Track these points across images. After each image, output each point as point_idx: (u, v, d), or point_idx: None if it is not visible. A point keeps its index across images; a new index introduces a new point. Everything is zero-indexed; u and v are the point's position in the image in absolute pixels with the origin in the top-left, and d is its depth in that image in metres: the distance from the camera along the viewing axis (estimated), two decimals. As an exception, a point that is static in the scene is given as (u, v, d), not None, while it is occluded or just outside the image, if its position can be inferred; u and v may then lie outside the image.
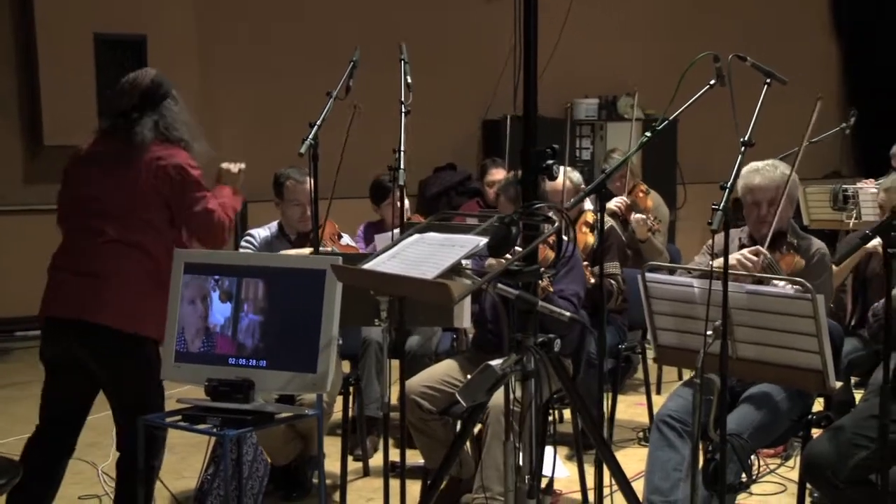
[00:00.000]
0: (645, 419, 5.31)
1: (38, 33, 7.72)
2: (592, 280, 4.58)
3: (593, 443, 3.02)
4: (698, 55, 3.25)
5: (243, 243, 4.88)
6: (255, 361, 3.41)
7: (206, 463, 3.84)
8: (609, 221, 5.21)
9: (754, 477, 3.46)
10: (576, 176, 4.97)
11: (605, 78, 9.61)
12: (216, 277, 3.49)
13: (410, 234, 2.90)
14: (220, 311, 3.47)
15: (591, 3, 8.70)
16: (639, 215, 5.82)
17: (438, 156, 8.95)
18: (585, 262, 4.65)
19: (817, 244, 3.90)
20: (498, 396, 3.05)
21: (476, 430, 4.00)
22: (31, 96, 7.94)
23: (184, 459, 4.88)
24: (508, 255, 2.74)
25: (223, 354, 3.44)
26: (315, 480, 4.42)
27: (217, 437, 3.34)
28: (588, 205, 5.07)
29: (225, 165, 3.89)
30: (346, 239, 5.05)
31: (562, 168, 4.80)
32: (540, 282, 2.89)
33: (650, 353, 5.17)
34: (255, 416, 3.29)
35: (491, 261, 3.93)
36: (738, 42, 5.36)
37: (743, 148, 3.08)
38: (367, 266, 2.79)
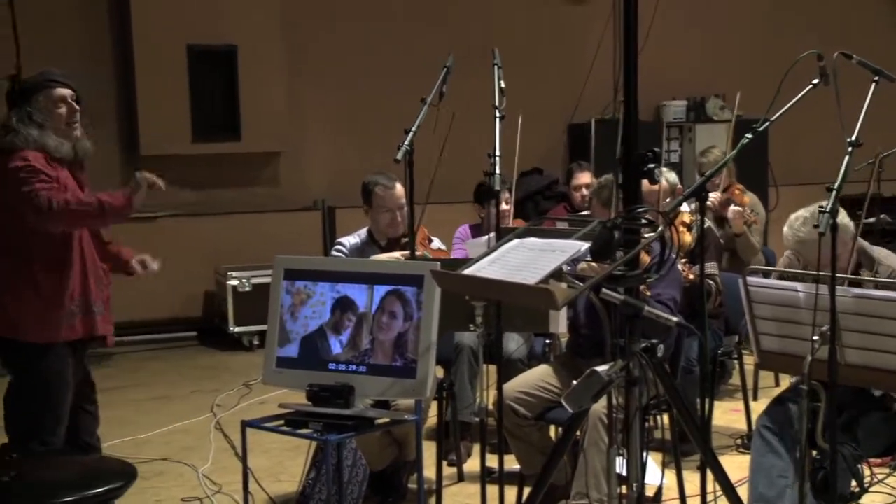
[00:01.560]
0: (741, 426, 5.22)
1: (135, 46, 7.91)
2: (691, 277, 4.51)
3: (698, 449, 2.98)
4: (792, 53, 3.18)
5: (334, 252, 4.92)
6: (354, 367, 3.44)
7: (307, 467, 3.88)
8: (706, 222, 5.13)
9: (865, 486, 3.37)
10: (672, 177, 4.90)
11: (693, 79, 9.50)
12: (315, 283, 3.53)
13: (509, 240, 2.90)
14: (320, 317, 3.51)
15: (678, 5, 8.60)
16: (736, 207, 5.72)
17: (524, 160, 8.92)
18: (684, 260, 4.59)
19: (887, 262, 3.77)
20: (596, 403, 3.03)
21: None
22: (129, 108, 8.14)
23: (280, 463, 4.95)
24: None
25: (324, 360, 3.48)
26: (411, 485, 4.44)
27: (319, 441, 3.38)
28: (683, 204, 4.99)
29: (139, 174, 3.85)
30: (436, 243, 5.06)
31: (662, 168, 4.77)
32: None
33: (747, 358, 5.10)
34: (355, 422, 3.32)
35: (584, 265, 3.91)
36: (829, 40, 5.25)
37: (850, 148, 3.00)
38: (467, 272, 2.80)
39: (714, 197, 5.74)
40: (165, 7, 7.92)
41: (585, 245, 2.70)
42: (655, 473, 3.89)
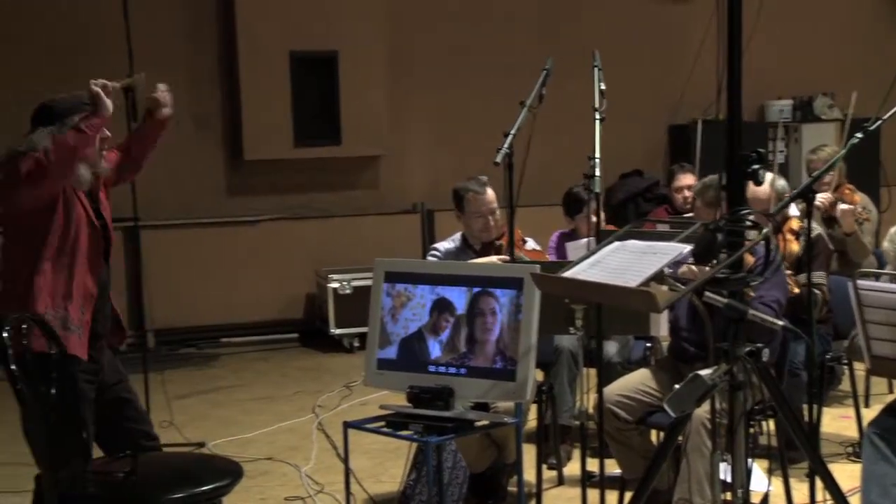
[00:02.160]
0: (851, 433, 5.08)
1: (240, 53, 8.09)
2: (796, 290, 4.42)
3: (806, 456, 2.92)
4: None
5: (429, 258, 4.95)
6: (454, 369, 3.46)
7: (407, 468, 3.91)
8: (817, 229, 5.02)
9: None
10: (781, 183, 4.78)
11: (800, 78, 9.29)
12: (415, 286, 3.56)
13: (610, 242, 2.88)
14: (420, 320, 3.54)
15: (781, 1, 8.43)
16: (845, 205, 5.56)
17: (624, 162, 8.86)
18: (790, 272, 4.50)
19: None
20: (699, 407, 2.99)
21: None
22: (233, 113, 8.33)
23: (381, 464, 5.00)
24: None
25: (424, 362, 3.51)
26: (510, 488, 4.44)
27: (420, 443, 3.40)
28: (793, 211, 4.89)
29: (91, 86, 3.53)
30: (530, 243, 5.05)
31: (768, 174, 4.68)
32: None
33: (858, 364, 4.96)
34: (455, 424, 3.33)
35: (684, 268, 3.86)
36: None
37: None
38: (567, 274, 2.79)
39: (823, 198, 5.60)
40: (270, 15, 8.08)
41: (687, 247, 2.67)
42: (761, 480, 3.82)
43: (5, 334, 2.80)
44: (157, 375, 5.89)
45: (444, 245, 4.98)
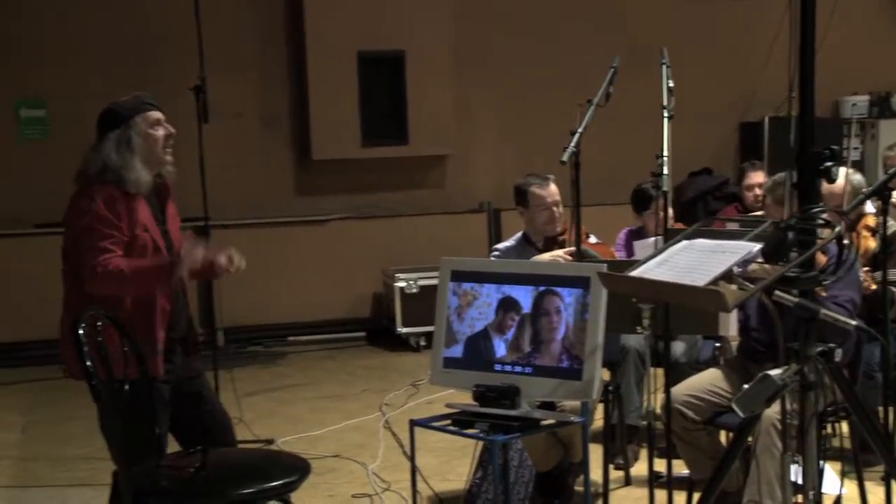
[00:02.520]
0: (929, 436, 4.96)
1: (308, 54, 8.18)
2: (874, 286, 4.33)
3: (882, 459, 2.86)
4: None
5: (492, 258, 4.95)
6: (520, 368, 3.45)
7: (474, 467, 3.92)
8: (894, 226, 4.91)
9: None
10: (857, 178, 4.69)
11: (877, 73, 9.09)
12: (481, 285, 3.56)
13: (678, 241, 2.85)
14: (486, 318, 3.54)
15: (857, -5, 8.29)
16: None
17: (694, 160, 8.77)
18: (866, 269, 4.41)
19: None
20: (769, 408, 2.94)
21: (743, 441, 3.87)
22: (302, 113, 8.42)
23: (447, 463, 5.01)
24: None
25: (490, 360, 3.50)
26: (577, 487, 4.42)
27: (485, 442, 3.40)
28: (870, 207, 4.79)
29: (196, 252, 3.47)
30: (593, 238, 5.02)
31: (842, 169, 4.60)
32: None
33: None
34: (521, 422, 3.32)
35: (754, 266, 3.80)
36: None
37: None
38: (634, 273, 2.76)
39: None
40: (337, 15, 8.15)
41: (757, 246, 2.63)
42: (834, 482, 3.75)
43: (81, 331, 2.86)
44: (226, 373, 5.97)
45: (505, 245, 4.98)
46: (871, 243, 4.67)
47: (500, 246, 5.00)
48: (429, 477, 4.55)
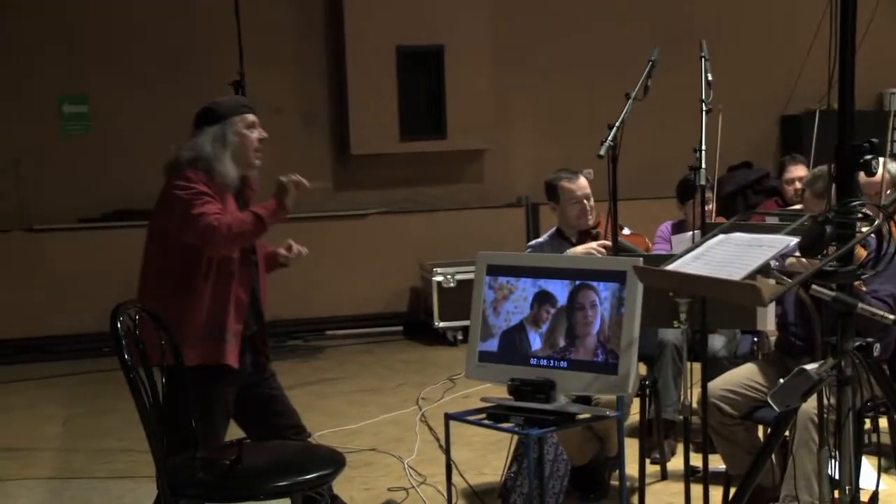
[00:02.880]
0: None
1: (347, 50, 8.21)
2: None
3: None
4: None
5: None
6: (556, 362, 3.45)
7: (509, 461, 3.92)
8: None
9: None
10: (894, 168, 4.64)
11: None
12: (517, 279, 3.56)
13: (715, 235, 2.83)
14: (522, 313, 3.54)
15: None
16: None
17: (733, 153, 8.69)
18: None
19: None
20: (806, 403, 2.92)
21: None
22: (340, 108, 8.45)
23: (483, 457, 5.02)
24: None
25: (525, 355, 3.50)
26: (613, 482, 4.41)
27: (521, 436, 3.40)
28: None
29: (283, 179, 3.70)
30: (627, 230, 5.01)
31: (880, 160, 4.53)
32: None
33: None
34: (556, 416, 3.32)
35: (792, 260, 3.77)
36: None
37: None
38: (670, 267, 2.75)
39: None
40: (376, 10, 8.17)
41: (794, 240, 2.61)
42: (871, 478, 3.71)
43: (119, 324, 2.90)
44: (265, 366, 6.01)
45: (538, 241, 4.99)
46: None
47: (534, 242, 5.01)
48: (465, 471, 4.56)
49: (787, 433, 3.71)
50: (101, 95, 8.03)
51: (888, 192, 4.32)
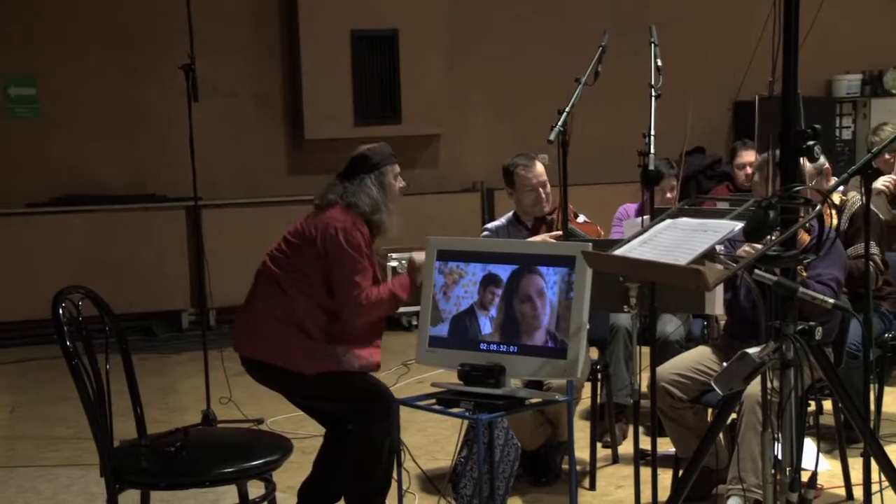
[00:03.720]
0: (917, 413, 4.99)
1: (301, 33, 8.13)
2: None
3: (860, 436, 2.87)
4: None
5: (482, 237, 4.95)
6: (505, 347, 3.46)
7: (459, 446, 3.93)
8: (859, 201, 4.92)
9: None
10: (820, 159, 4.68)
11: (869, 51, 9.06)
12: (467, 264, 3.56)
13: (662, 220, 2.85)
14: (472, 297, 3.54)
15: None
16: None
17: (689, 139, 8.74)
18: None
19: None
20: (753, 386, 2.95)
21: (730, 419, 3.88)
22: (294, 92, 8.39)
23: (436, 442, 5.02)
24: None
25: (475, 340, 3.51)
26: (564, 466, 4.44)
27: (470, 420, 3.41)
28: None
29: (419, 260, 3.87)
30: (582, 217, 5.02)
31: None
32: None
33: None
34: (506, 401, 3.33)
35: (744, 246, 3.80)
36: None
37: None
38: (617, 252, 2.77)
39: (886, 181, 5.46)
40: (331, -7, 8.11)
41: (739, 225, 2.63)
42: (812, 458, 3.77)
43: (60, 310, 2.86)
44: (216, 353, 5.95)
45: (495, 224, 4.98)
46: (834, 220, 4.68)
47: (491, 225, 5.01)
48: (418, 456, 4.56)
49: (735, 416, 3.76)
50: (50, 78, 7.90)
51: (812, 182, 4.37)
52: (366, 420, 3.69)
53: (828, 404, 4.25)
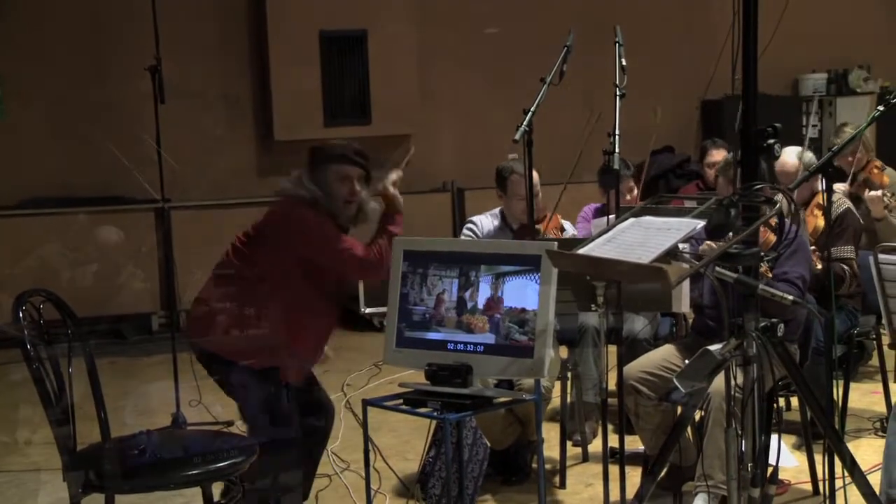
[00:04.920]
0: (882, 408, 5.03)
1: (269, 34, 8.10)
2: (819, 266, 4.37)
3: (822, 431, 2.89)
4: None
5: (465, 230, 4.95)
6: (472, 346, 3.46)
7: (427, 446, 3.93)
8: (846, 203, 4.97)
9: None
10: (808, 156, 4.72)
11: (835, 50, 9.13)
12: (434, 264, 3.57)
13: (626, 219, 2.86)
14: (438, 297, 3.54)
15: (817, -29, 8.32)
16: (874, 192, 5.48)
17: (658, 138, 8.78)
18: (813, 248, 4.45)
19: None
20: (720, 383, 2.97)
21: (697, 416, 3.90)
22: (263, 93, 8.35)
23: (407, 442, 5.02)
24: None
25: (442, 339, 3.51)
26: (534, 465, 4.45)
27: (437, 420, 3.41)
28: (820, 187, 4.82)
29: (392, 191, 4.03)
30: (569, 230, 5.02)
31: (796, 148, 4.63)
32: (760, 267, 2.79)
33: (886, 339, 4.90)
34: (474, 401, 3.33)
35: (707, 244, 3.83)
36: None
37: None
38: (581, 251, 2.78)
39: (841, 188, 5.50)
40: (299, -7, 8.08)
41: (701, 223, 2.65)
42: (783, 455, 3.80)
43: (21, 313, 2.83)
44: (186, 356, 5.92)
45: (483, 220, 4.95)
46: (821, 222, 4.71)
47: (477, 220, 4.97)
48: (389, 456, 4.55)
49: (704, 413, 3.78)
50: (13, 79, 7.82)
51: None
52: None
53: (795, 401, 4.29)
